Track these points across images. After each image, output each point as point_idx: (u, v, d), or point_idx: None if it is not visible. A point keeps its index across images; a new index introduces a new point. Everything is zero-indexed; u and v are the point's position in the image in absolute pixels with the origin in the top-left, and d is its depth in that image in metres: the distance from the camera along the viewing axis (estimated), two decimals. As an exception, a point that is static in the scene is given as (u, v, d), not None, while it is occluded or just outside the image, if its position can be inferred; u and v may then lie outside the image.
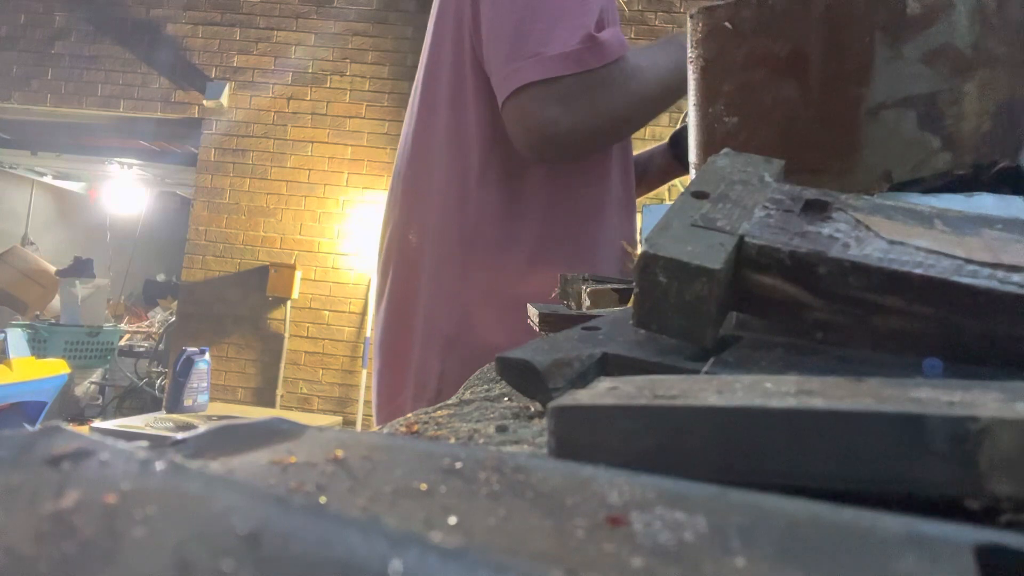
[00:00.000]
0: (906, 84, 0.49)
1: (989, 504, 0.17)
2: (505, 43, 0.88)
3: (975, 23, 0.49)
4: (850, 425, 0.18)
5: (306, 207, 4.50)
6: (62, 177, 6.96)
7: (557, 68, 0.85)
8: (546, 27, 0.87)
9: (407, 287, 1.01)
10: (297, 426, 0.21)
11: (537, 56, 0.85)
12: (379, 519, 0.15)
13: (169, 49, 4.68)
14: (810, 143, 0.51)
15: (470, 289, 0.95)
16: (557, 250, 0.97)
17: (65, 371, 3.50)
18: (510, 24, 0.88)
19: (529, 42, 0.86)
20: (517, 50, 0.87)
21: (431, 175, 1.00)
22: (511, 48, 0.87)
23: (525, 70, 0.86)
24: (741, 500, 0.16)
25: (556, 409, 0.22)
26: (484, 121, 0.96)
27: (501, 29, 0.89)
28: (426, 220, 1.00)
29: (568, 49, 0.85)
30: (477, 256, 0.96)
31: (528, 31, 0.87)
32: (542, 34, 0.86)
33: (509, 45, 0.88)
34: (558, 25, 0.87)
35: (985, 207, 0.47)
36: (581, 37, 0.86)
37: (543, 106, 0.86)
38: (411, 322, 1.00)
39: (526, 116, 0.87)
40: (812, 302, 0.32)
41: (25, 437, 0.16)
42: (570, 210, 0.99)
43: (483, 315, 0.94)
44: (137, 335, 5.34)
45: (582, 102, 0.87)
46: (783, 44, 0.51)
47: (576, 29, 0.86)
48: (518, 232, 0.97)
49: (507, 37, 0.88)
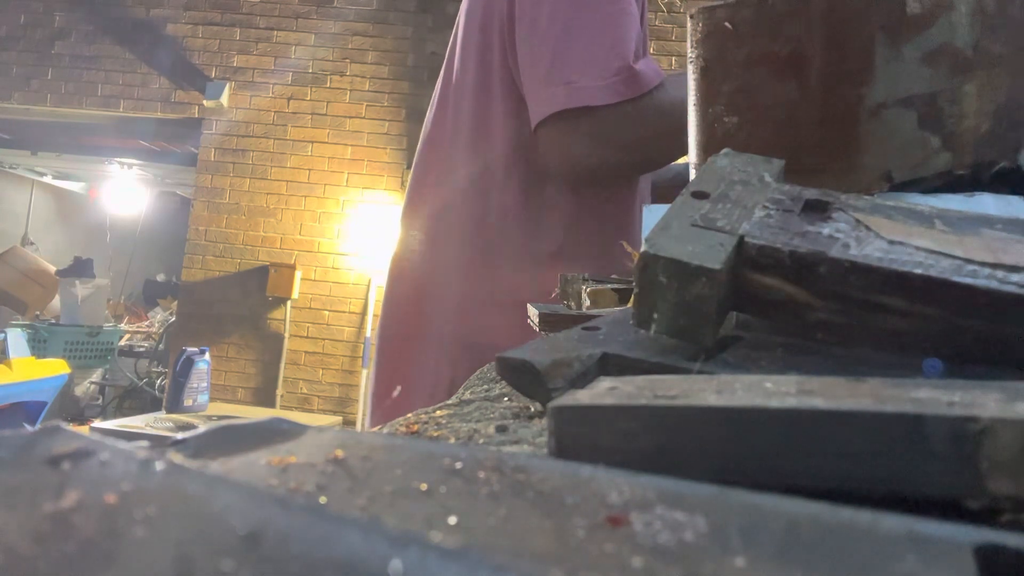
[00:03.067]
0: (906, 84, 0.49)
1: (989, 504, 0.17)
2: (541, 66, 0.88)
3: (975, 23, 0.49)
4: (850, 425, 0.18)
5: (306, 207, 4.50)
6: (62, 177, 6.96)
7: (591, 98, 0.85)
8: (584, 54, 0.86)
9: (421, 292, 1.01)
10: (297, 426, 0.21)
11: (571, 84, 0.85)
12: (379, 519, 0.15)
13: (169, 49, 4.68)
14: (810, 143, 0.51)
15: (489, 296, 0.95)
16: (579, 260, 0.96)
17: (65, 371, 3.50)
18: (548, 47, 0.88)
19: (565, 68, 0.86)
20: (553, 75, 0.87)
21: (454, 183, 1.00)
22: (547, 72, 0.87)
23: (559, 97, 0.86)
24: (741, 500, 0.16)
25: (556, 409, 0.22)
26: (509, 130, 0.95)
27: (538, 50, 0.89)
28: (448, 225, 1.00)
29: (604, 80, 0.85)
30: (497, 264, 0.96)
31: (565, 57, 0.87)
32: (579, 62, 0.86)
33: (545, 69, 0.87)
34: (596, 53, 0.86)
35: (985, 207, 0.47)
36: (617, 68, 0.85)
37: (574, 138, 0.87)
38: (423, 327, 1.00)
39: (558, 146, 0.88)
40: (812, 302, 0.32)
41: (25, 437, 0.16)
42: (593, 220, 0.99)
43: (500, 320, 0.94)
44: (137, 335, 5.34)
45: (613, 135, 0.87)
46: (783, 44, 0.51)
47: (613, 59, 0.86)
48: (540, 241, 0.96)
49: (543, 59, 0.88)
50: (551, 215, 0.97)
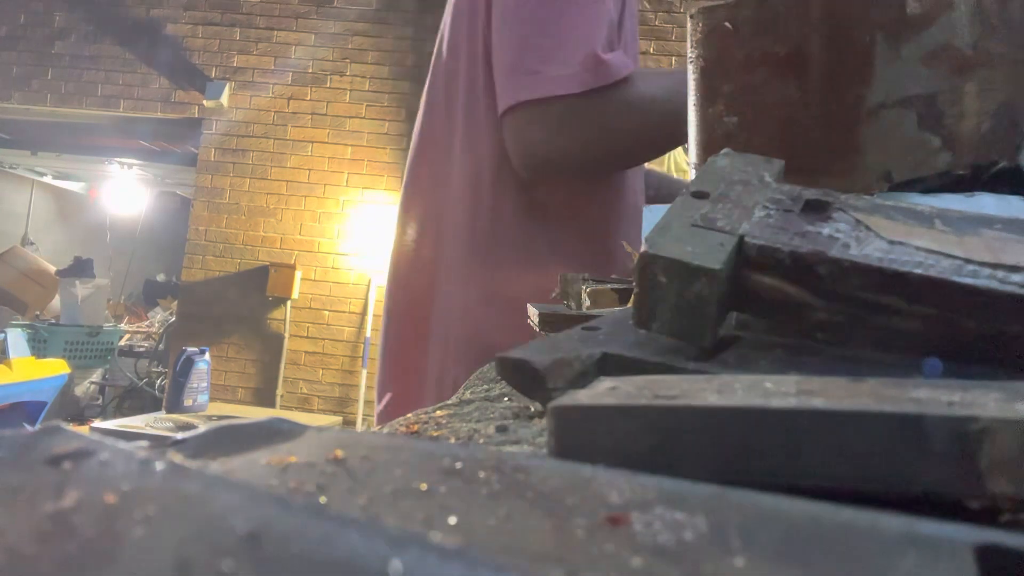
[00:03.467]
0: (906, 84, 0.49)
1: (989, 504, 0.17)
2: (509, 56, 0.87)
3: (975, 23, 0.49)
4: (850, 425, 0.18)
5: (306, 207, 4.50)
6: (62, 177, 6.96)
7: (553, 88, 0.83)
8: (549, 43, 0.84)
9: (420, 292, 1.01)
10: (297, 426, 0.21)
11: (536, 75, 0.83)
12: (379, 519, 0.15)
13: (169, 49, 4.68)
14: (810, 143, 0.51)
15: (484, 294, 0.95)
16: (572, 258, 0.95)
17: (65, 371, 3.50)
18: (516, 37, 0.87)
19: (531, 58, 0.85)
20: (517, 65, 0.85)
21: (447, 181, 0.99)
22: (513, 62, 0.86)
23: (522, 87, 0.84)
24: (741, 500, 0.16)
25: (556, 409, 0.22)
26: (497, 128, 0.94)
27: (508, 41, 0.88)
28: (441, 225, 0.99)
29: (568, 70, 0.83)
30: (492, 262, 0.95)
31: (532, 46, 0.85)
32: (546, 51, 0.84)
33: (512, 59, 0.86)
34: (561, 42, 0.84)
35: (985, 207, 0.47)
36: (584, 56, 0.83)
37: (535, 127, 0.85)
38: (424, 327, 1.00)
39: (519, 135, 0.86)
40: (812, 302, 0.32)
41: (25, 437, 0.16)
42: (584, 218, 0.98)
43: (497, 320, 0.93)
44: (137, 335, 5.34)
45: (575, 125, 0.85)
46: (783, 44, 0.51)
47: (579, 48, 0.84)
48: (533, 239, 0.95)
49: (510, 50, 0.87)
50: (541, 214, 0.96)
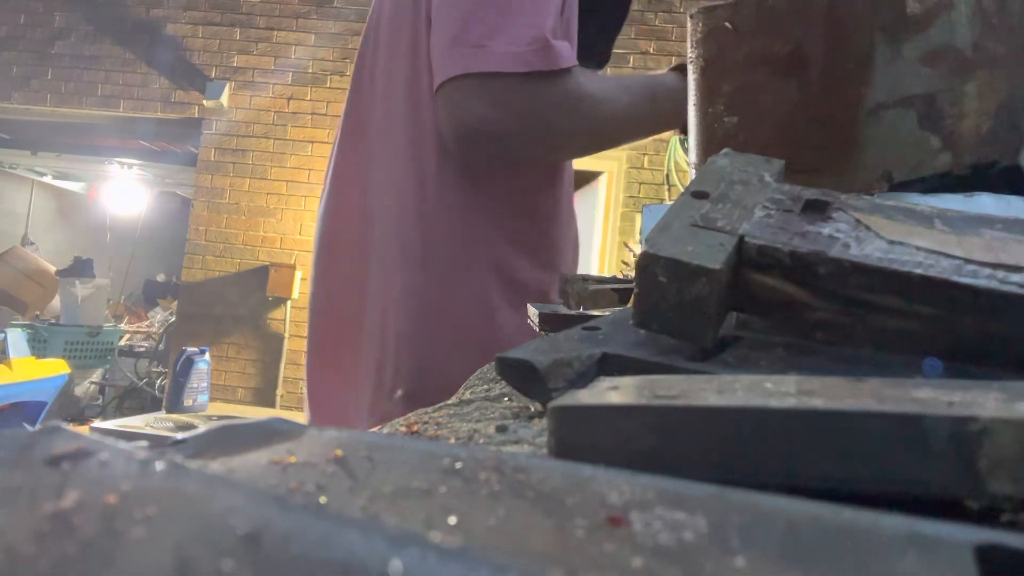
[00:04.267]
0: (906, 84, 0.49)
1: (989, 504, 0.17)
2: (450, 28, 0.82)
3: (975, 23, 0.49)
4: (850, 425, 0.18)
5: (306, 207, 4.50)
6: (62, 177, 6.96)
7: (499, 64, 0.79)
8: (497, 20, 0.81)
9: (356, 283, 0.97)
10: (297, 426, 0.21)
11: (481, 48, 0.79)
12: (379, 519, 0.15)
13: (169, 49, 4.68)
14: (810, 143, 0.51)
15: (426, 286, 0.91)
16: (517, 251, 0.94)
17: (65, 371, 3.50)
18: (463, 9, 0.82)
19: (475, 32, 0.81)
20: (461, 38, 0.81)
21: (388, 166, 0.95)
22: (456, 34, 0.82)
23: (465, 59, 0.80)
24: (741, 500, 0.16)
25: (556, 409, 0.22)
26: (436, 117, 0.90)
27: (449, 14, 0.84)
28: (382, 212, 0.95)
29: (515, 48, 0.80)
30: (435, 253, 0.91)
31: (477, 20, 0.81)
32: (491, 26, 0.80)
33: (454, 31, 0.82)
34: (510, 20, 0.80)
35: (985, 207, 0.47)
36: (531, 37, 0.80)
37: (473, 100, 0.81)
38: (359, 318, 0.96)
39: (456, 107, 0.82)
40: (812, 302, 0.32)
41: (25, 437, 0.16)
42: (527, 211, 0.96)
43: (439, 312, 0.90)
44: (137, 335, 5.34)
45: (517, 106, 0.82)
46: (783, 44, 0.51)
47: (528, 28, 0.81)
48: (476, 230, 0.92)
49: (454, 22, 0.83)
50: (485, 207, 0.93)
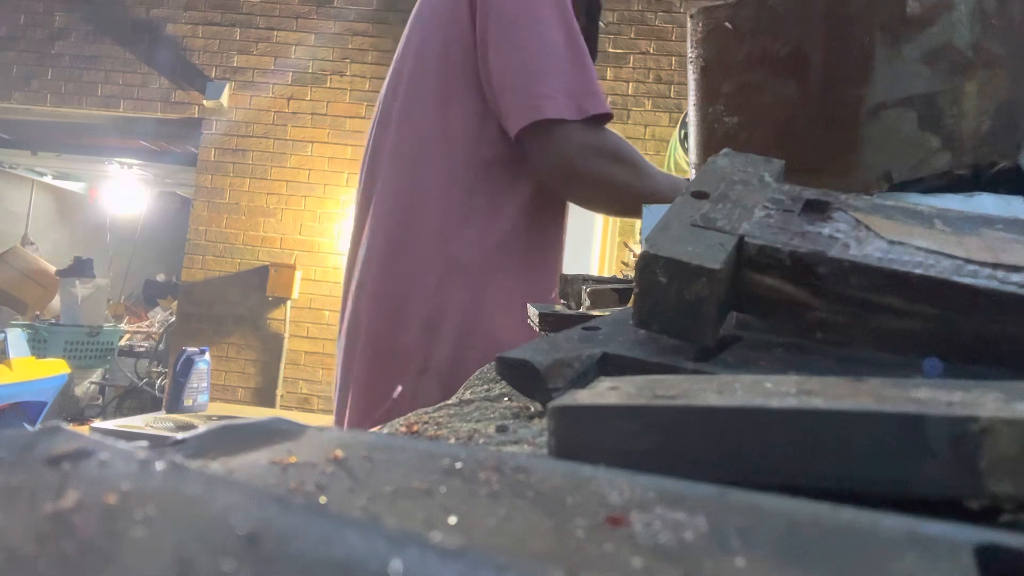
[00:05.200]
0: (906, 84, 0.49)
1: (989, 504, 0.17)
2: (571, 72, 0.93)
3: (975, 23, 0.49)
4: (850, 425, 0.18)
5: (306, 207, 4.50)
6: (62, 177, 6.96)
7: (593, 109, 0.92)
8: (582, 72, 0.94)
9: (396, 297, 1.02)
10: (297, 426, 0.21)
11: (594, 96, 0.93)
12: (379, 519, 0.15)
13: (169, 49, 4.68)
14: (810, 143, 0.51)
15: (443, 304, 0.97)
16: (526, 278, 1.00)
17: (65, 371, 3.50)
18: (547, 54, 0.93)
19: (587, 79, 0.93)
20: (577, 85, 0.92)
21: (420, 186, 1.01)
22: (572, 82, 0.93)
23: (585, 104, 0.92)
24: (741, 500, 0.16)
25: (556, 409, 0.22)
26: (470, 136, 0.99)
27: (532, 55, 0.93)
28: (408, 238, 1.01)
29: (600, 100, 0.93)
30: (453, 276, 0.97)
31: (565, 69, 0.93)
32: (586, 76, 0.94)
33: (572, 78, 0.93)
34: (582, 72, 0.94)
35: (985, 207, 0.47)
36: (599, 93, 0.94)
37: (581, 145, 0.92)
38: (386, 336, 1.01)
39: (569, 147, 0.92)
40: (812, 302, 0.32)
41: (25, 437, 0.16)
42: (539, 242, 1.04)
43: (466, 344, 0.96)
44: (137, 335, 5.34)
45: (601, 152, 0.94)
46: (783, 44, 0.51)
47: (594, 82, 0.94)
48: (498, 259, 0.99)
49: (544, 66, 0.93)
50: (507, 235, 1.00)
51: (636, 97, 4.29)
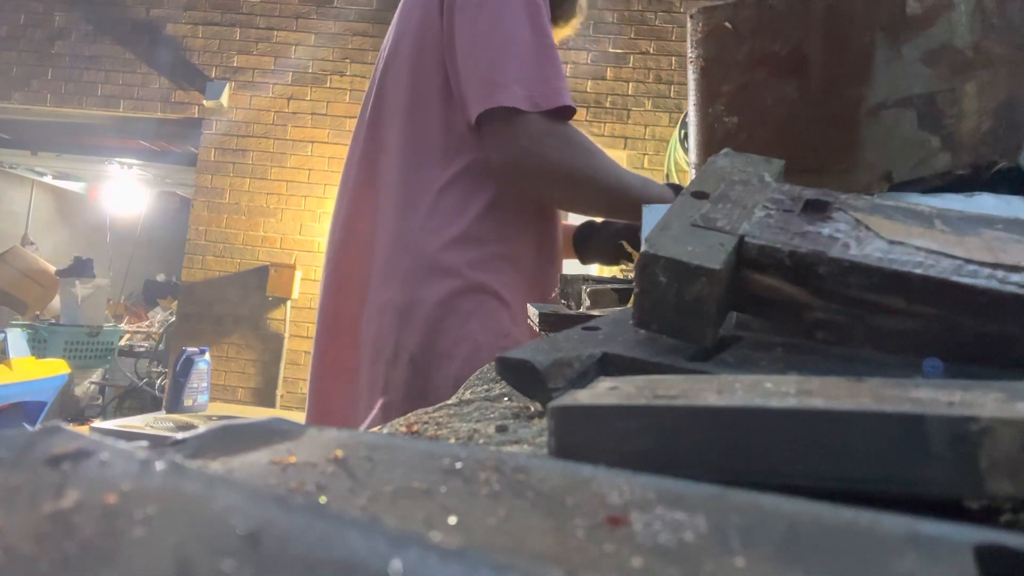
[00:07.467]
0: (906, 84, 0.49)
1: (989, 504, 0.17)
2: (526, 63, 0.91)
3: (975, 23, 0.49)
4: (850, 425, 0.18)
5: (306, 207, 4.50)
6: (62, 177, 6.96)
7: (551, 102, 0.90)
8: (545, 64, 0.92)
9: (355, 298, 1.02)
10: (297, 426, 0.21)
11: (554, 88, 0.90)
12: (379, 519, 0.15)
13: (169, 49, 4.68)
14: (810, 143, 0.51)
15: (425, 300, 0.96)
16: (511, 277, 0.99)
17: (65, 371, 3.50)
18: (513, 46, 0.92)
19: (549, 70, 0.91)
20: (537, 75, 0.91)
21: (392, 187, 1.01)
22: (531, 72, 0.91)
23: (541, 95, 0.90)
24: (741, 500, 0.16)
25: (556, 409, 0.22)
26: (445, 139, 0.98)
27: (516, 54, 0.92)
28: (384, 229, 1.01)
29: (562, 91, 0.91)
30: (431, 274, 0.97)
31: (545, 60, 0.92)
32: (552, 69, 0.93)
33: (531, 69, 0.91)
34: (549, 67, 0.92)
35: (985, 207, 0.47)
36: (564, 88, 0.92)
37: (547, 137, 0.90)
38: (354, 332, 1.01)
39: (519, 139, 0.90)
40: (812, 302, 0.32)
41: (25, 437, 0.16)
42: (528, 241, 1.02)
43: (437, 329, 0.95)
44: (137, 335, 5.34)
45: (557, 143, 0.92)
46: (783, 44, 0.51)
47: (561, 78, 0.93)
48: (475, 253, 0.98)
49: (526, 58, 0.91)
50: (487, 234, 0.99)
51: (636, 97, 4.29)
